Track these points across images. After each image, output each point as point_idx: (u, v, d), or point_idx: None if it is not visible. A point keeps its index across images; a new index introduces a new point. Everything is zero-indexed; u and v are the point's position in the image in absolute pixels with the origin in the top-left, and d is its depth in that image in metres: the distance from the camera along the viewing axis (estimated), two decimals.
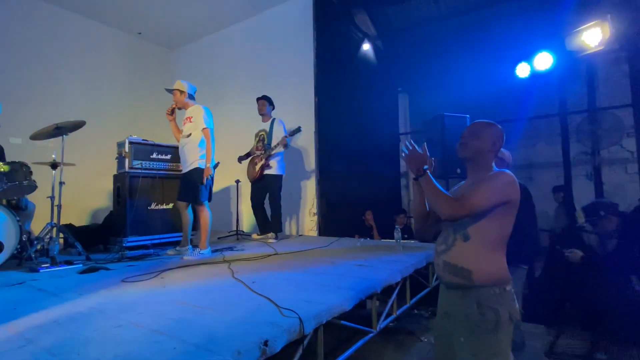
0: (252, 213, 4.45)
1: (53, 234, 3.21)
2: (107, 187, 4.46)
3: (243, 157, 4.42)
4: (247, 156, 4.40)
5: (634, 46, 4.53)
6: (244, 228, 5.33)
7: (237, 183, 5.06)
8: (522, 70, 4.98)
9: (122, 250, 3.48)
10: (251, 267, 2.75)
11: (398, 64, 6.37)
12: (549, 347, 2.71)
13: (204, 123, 3.34)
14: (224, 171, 4.35)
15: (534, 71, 4.89)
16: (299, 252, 3.38)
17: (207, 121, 3.36)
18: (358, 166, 5.22)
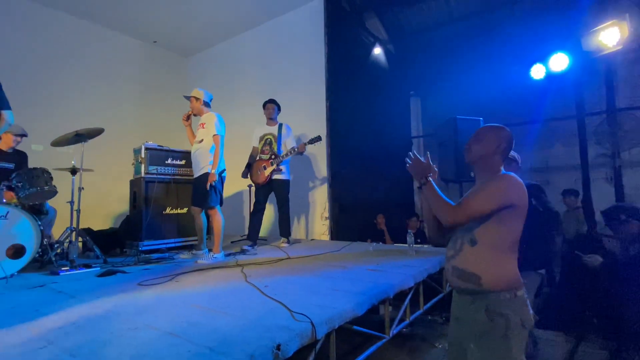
0: (252, 217, 4.17)
1: (72, 238, 3.29)
2: (124, 192, 4.57)
3: (246, 170, 4.30)
4: (249, 165, 4.29)
5: None
6: (260, 232, 5.36)
7: (250, 188, 5.10)
8: (537, 71, 4.90)
9: (138, 253, 3.55)
10: (264, 271, 2.77)
11: (410, 68, 6.35)
12: (569, 356, 2.64)
13: (215, 130, 3.42)
14: (237, 176, 4.39)
15: (550, 72, 4.80)
16: (311, 257, 3.38)
17: (218, 128, 3.44)
18: (370, 170, 5.21)
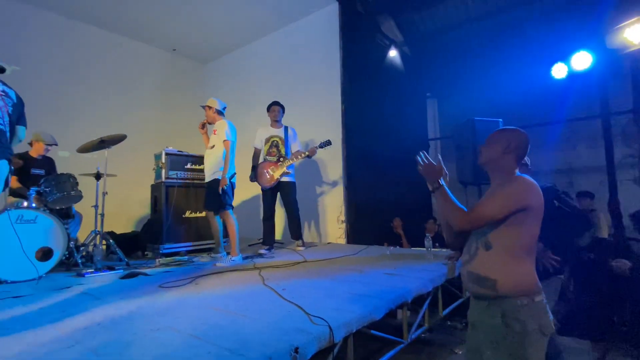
0: (265, 221, 4.17)
1: (97, 241, 3.41)
2: (144, 196, 4.69)
3: (254, 174, 4.21)
4: (255, 168, 4.24)
5: None
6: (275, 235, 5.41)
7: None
8: (559, 71, 4.77)
9: (159, 256, 3.64)
10: (281, 274, 2.79)
11: (426, 69, 6.30)
12: None
13: (225, 136, 3.53)
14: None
15: (572, 71, 4.67)
16: (328, 260, 3.39)
17: (228, 134, 3.54)
18: (386, 173, 5.17)
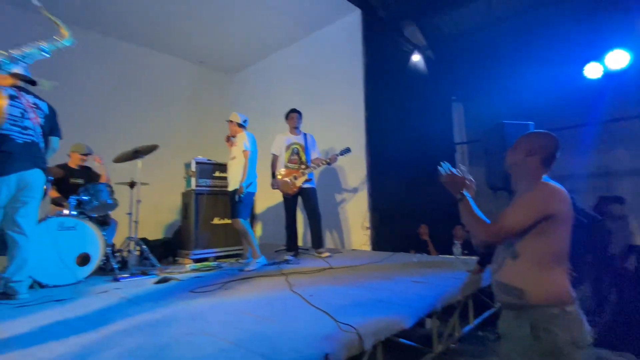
0: (289, 228, 4.20)
1: (131, 247, 3.57)
2: (174, 203, 4.85)
3: (275, 181, 4.22)
4: (274, 175, 4.26)
5: None
6: (299, 241, 5.44)
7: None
8: (593, 70, 4.57)
9: (190, 262, 3.75)
10: (307, 281, 2.81)
11: (450, 73, 6.19)
12: None
13: (243, 146, 3.68)
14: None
15: (607, 71, 4.46)
16: (354, 267, 3.37)
17: (246, 145, 3.69)
18: (412, 178, 5.10)
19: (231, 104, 6.92)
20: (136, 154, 3.57)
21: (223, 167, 4.30)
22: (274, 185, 4.22)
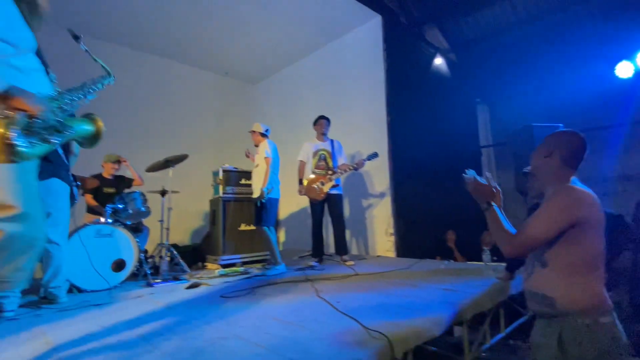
0: (315, 234, 4.23)
1: (162, 253, 3.70)
2: (205, 210, 4.97)
3: (302, 187, 4.26)
4: (302, 182, 4.31)
5: None
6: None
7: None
8: (624, 69, 4.39)
9: (218, 267, 3.85)
10: (333, 287, 2.82)
11: (474, 75, 6.10)
12: None
13: (265, 153, 3.77)
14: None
15: (638, 69, 4.28)
16: (380, 274, 3.36)
17: (267, 152, 3.77)
18: (436, 183, 5.04)
19: (255, 113, 7.07)
20: (167, 163, 3.72)
21: (248, 175, 4.40)
22: (301, 191, 4.26)
